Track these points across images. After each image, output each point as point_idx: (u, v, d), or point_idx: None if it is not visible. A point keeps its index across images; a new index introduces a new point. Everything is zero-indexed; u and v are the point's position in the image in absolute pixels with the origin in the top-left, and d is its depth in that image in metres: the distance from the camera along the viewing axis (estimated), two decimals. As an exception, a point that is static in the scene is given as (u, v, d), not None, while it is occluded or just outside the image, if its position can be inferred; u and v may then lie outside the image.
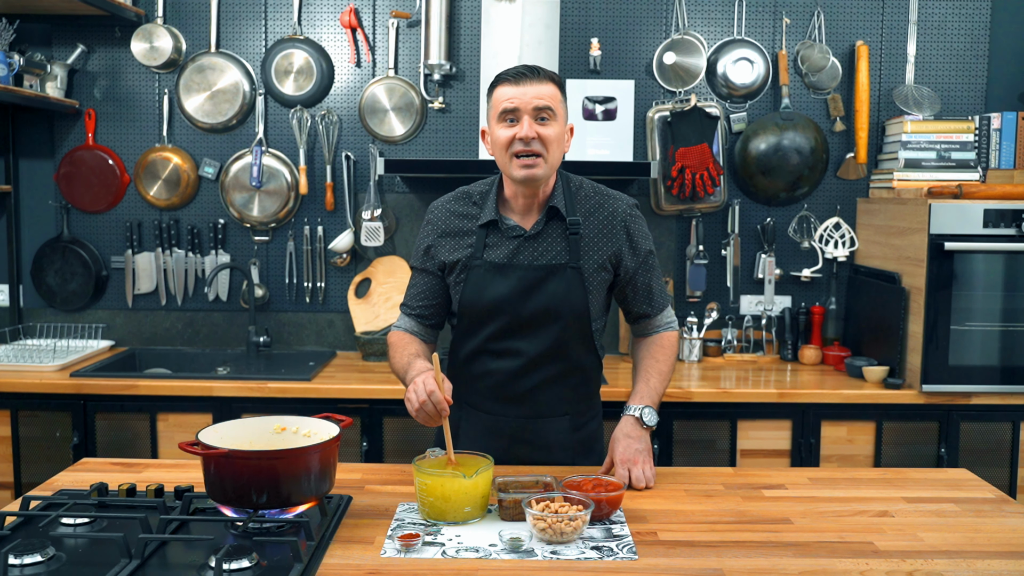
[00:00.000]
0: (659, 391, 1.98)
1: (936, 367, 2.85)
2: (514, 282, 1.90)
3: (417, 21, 3.36)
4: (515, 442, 1.96)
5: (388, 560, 1.47)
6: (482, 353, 1.96)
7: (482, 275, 1.91)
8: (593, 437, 2.07)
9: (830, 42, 3.38)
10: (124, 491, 1.69)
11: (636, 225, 1.97)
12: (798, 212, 3.43)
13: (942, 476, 1.99)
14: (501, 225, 1.93)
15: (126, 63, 3.39)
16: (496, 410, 1.97)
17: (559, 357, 1.94)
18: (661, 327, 2.05)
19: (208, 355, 3.40)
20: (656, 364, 2.00)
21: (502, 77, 1.86)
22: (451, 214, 1.98)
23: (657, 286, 2.03)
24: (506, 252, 1.91)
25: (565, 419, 2.00)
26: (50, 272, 3.42)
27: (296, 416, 1.75)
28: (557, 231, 1.93)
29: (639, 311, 2.03)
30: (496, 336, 1.93)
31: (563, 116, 1.88)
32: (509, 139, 1.83)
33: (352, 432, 2.86)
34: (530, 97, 1.81)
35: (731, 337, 3.38)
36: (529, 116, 1.82)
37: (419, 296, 2.01)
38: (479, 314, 1.93)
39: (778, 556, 1.51)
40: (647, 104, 3.38)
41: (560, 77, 1.90)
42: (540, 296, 1.90)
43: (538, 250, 1.91)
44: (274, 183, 3.37)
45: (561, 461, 1.99)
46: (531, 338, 1.92)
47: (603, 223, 1.95)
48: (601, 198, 1.97)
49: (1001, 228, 2.82)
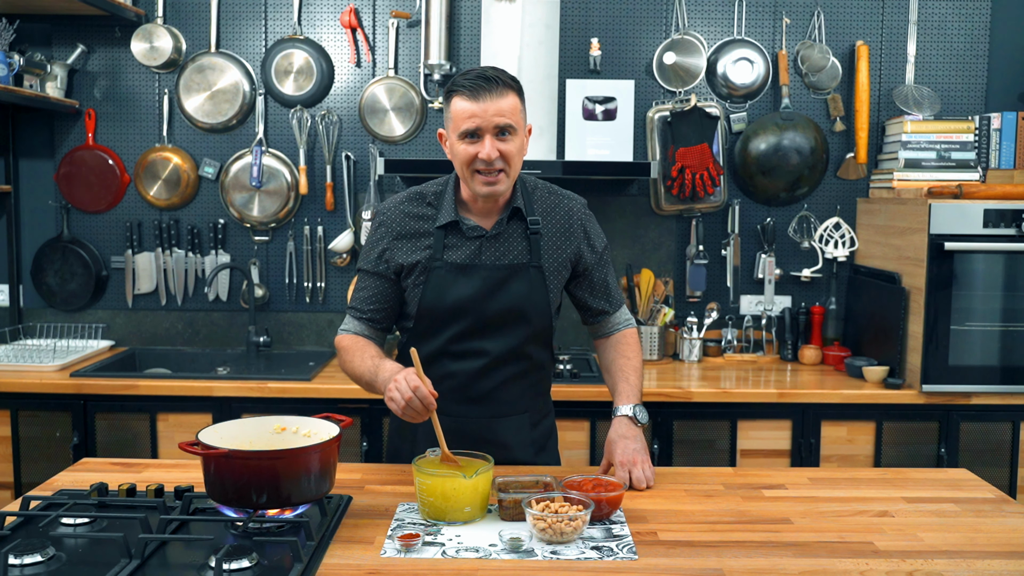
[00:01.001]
0: (639, 387, 2.00)
1: (936, 367, 2.85)
2: (478, 282, 1.89)
3: (417, 21, 3.36)
4: (477, 442, 1.91)
5: (388, 560, 1.47)
6: (442, 355, 1.94)
7: (444, 276, 1.90)
8: (548, 434, 2.09)
9: (830, 42, 3.38)
10: (124, 491, 1.69)
11: (591, 224, 2.02)
12: (798, 212, 3.43)
13: (942, 476, 1.99)
14: (461, 226, 1.91)
15: (126, 63, 3.39)
16: (457, 412, 1.95)
17: (520, 356, 1.94)
18: (620, 324, 2.07)
19: (208, 355, 3.40)
20: (629, 362, 2.02)
21: (459, 87, 1.80)
22: (406, 215, 1.95)
23: (613, 283, 2.06)
24: (468, 253, 1.90)
25: (524, 416, 2.01)
26: (50, 272, 3.42)
27: (296, 416, 1.75)
28: (518, 231, 1.93)
29: (598, 307, 2.04)
30: (458, 337, 1.92)
31: (523, 124, 1.86)
32: (471, 157, 1.81)
33: (352, 432, 2.86)
34: (491, 115, 1.78)
35: (731, 337, 3.38)
36: (490, 135, 1.79)
37: (370, 300, 1.97)
38: (440, 315, 1.91)
39: (778, 556, 1.51)
40: (647, 104, 3.38)
41: (517, 82, 1.85)
42: (504, 296, 1.90)
43: (500, 250, 1.91)
44: (274, 183, 3.37)
45: (521, 459, 1.99)
46: (494, 338, 1.92)
47: (561, 222, 1.96)
48: (556, 198, 1.99)
49: (1001, 228, 2.82)
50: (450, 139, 1.86)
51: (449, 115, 1.84)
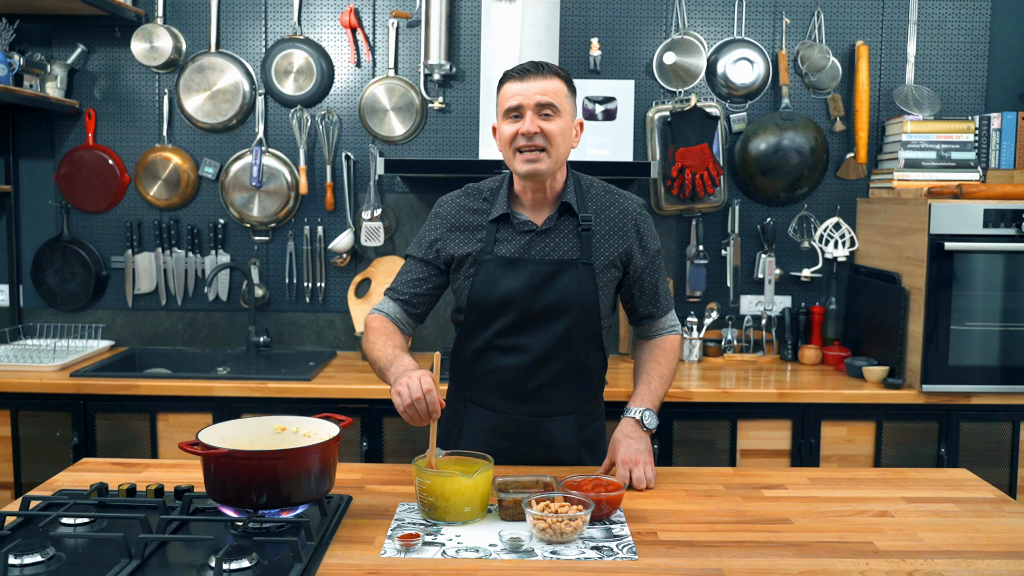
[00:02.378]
0: (660, 394, 1.99)
1: (936, 367, 2.85)
2: (525, 276, 1.90)
3: (417, 21, 3.36)
4: (521, 441, 1.95)
5: (388, 560, 1.47)
6: (489, 349, 1.95)
7: (493, 269, 1.91)
8: (597, 437, 2.07)
9: (830, 42, 3.38)
10: (124, 491, 1.69)
11: (646, 224, 1.99)
12: (798, 212, 3.43)
13: (942, 476, 1.99)
14: (512, 220, 1.93)
15: (126, 63, 3.39)
16: (502, 408, 1.97)
17: (566, 354, 1.94)
18: (665, 330, 2.06)
19: (208, 355, 3.40)
20: (658, 367, 2.01)
21: (509, 74, 1.88)
22: (461, 209, 1.98)
23: (663, 287, 2.04)
24: (517, 247, 1.91)
25: (571, 418, 2.00)
26: (50, 272, 3.42)
27: (296, 416, 1.75)
28: (569, 227, 1.93)
29: (645, 311, 2.04)
30: (504, 332, 1.93)
31: (569, 111, 1.88)
32: (513, 134, 1.84)
33: (352, 432, 2.86)
34: (533, 92, 1.82)
35: (731, 337, 3.38)
36: (532, 112, 1.82)
37: (411, 283, 1.99)
38: (488, 308, 1.92)
39: (778, 556, 1.51)
40: (647, 104, 3.38)
41: (567, 72, 1.90)
42: (551, 291, 1.90)
43: (550, 245, 1.92)
44: (274, 183, 3.37)
45: (566, 460, 1.99)
46: (540, 334, 1.91)
47: (614, 221, 1.95)
48: (612, 196, 1.98)
49: (1001, 228, 2.82)
50: (498, 125, 1.89)
51: (498, 102, 1.89)
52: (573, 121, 1.90)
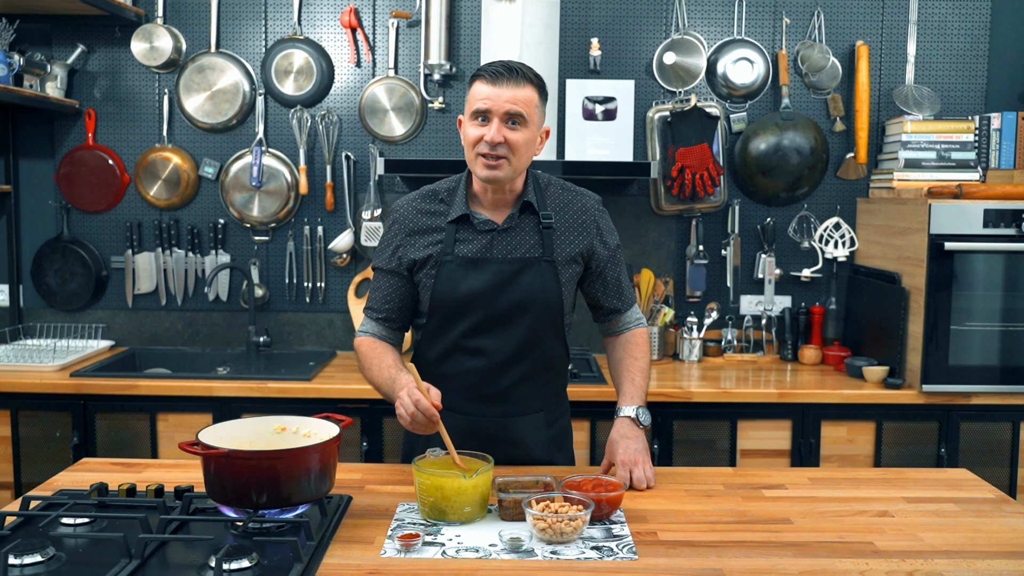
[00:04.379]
0: (644, 388, 1.99)
1: (936, 367, 2.85)
2: (489, 275, 1.89)
3: (417, 21, 3.36)
4: (493, 442, 1.92)
5: (388, 560, 1.47)
6: (455, 352, 1.94)
7: (454, 269, 1.90)
8: (564, 433, 2.08)
9: (830, 42, 3.38)
10: (124, 491, 1.69)
11: (604, 220, 2.01)
12: (798, 212, 3.43)
13: (942, 476, 1.99)
14: (472, 219, 1.92)
15: (126, 63, 3.39)
16: (472, 410, 1.96)
17: (533, 352, 1.94)
18: (632, 324, 2.07)
19: (208, 355, 3.40)
20: (636, 362, 2.01)
21: (481, 73, 1.84)
22: (418, 212, 1.96)
23: (625, 281, 2.06)
24: (479, 246, 1.91)
25: (539, 415, 2.00)
26: (50, 272, 3.42)
27: (296, 416, 1.75)
28: (529, 225, 1.93)
29: (610, 306, 2.04)
30: (469, 332, 1.92)
31: (537, 120, 1.86)
32: (477, 138, 1.83)
33: (352, 432, 2.86)
34: (503, 100, 1.80)
35: (731, 337, 3.38)
36: (499, 119, 1.81)
37: (385, 299, 1.98)
38: (452, 310, 1.91)
39: (778, 556, 1.51)
40: (647, 104, 3.38)
41: (540, 79, 1.87)
42: (515, 289, 1.90)
43: (511, 244, 1.91)
44: (274, 183, 3.37)
45: (537, 458, 1.99)
46: (505, 333, 1.91)
47: (574, 217, 1.96)
48: (570, 194, 1.99)
49: (1001, 228, 2.82)
50: (464, 123, 1.89)
51: (467, 98, 1.88)
52: (540, 130, 1.89)
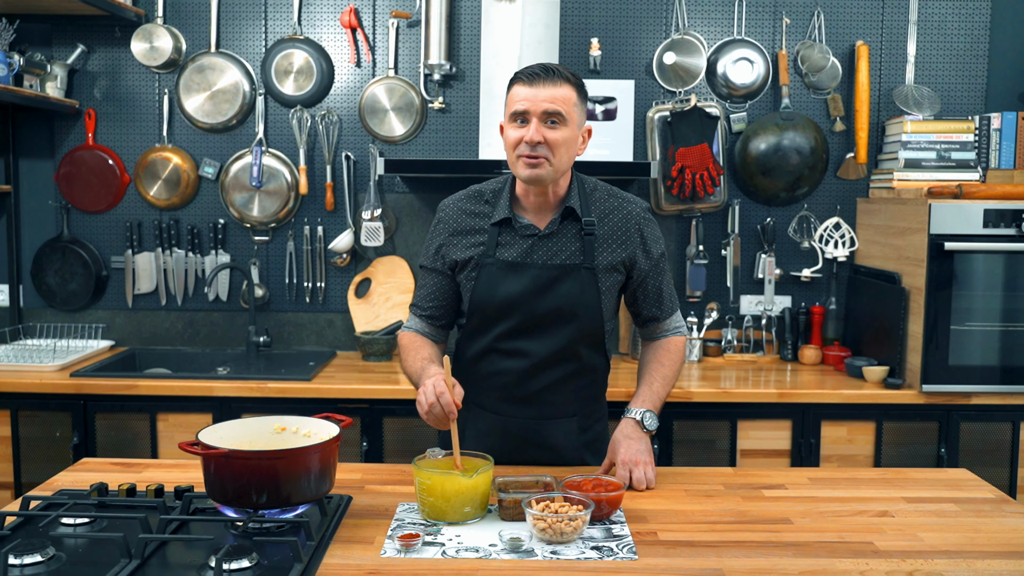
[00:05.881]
0: (661, 395, 1.98)
1: (936, 367, 2.85)
2: (528, 280, 1.89)
3: (417, 21, 3.36)
4: (524, 444, 1.95)
5: (388, 560, 1.47)
6: (491, 352, 1.95)
7: (494, 273, 1.90)
8: (600, 439, 2.06)
9: (830, 42, 3.38)
10: (124, 491, 1.69)
11: (650, 229, 1.98)
12: (798, 212, 3.43)
13: (942, 476, 1.99)
14: (515, 223, 1.92)
15: (126, 63, 3.39)
16: (505, 411, 1.97)
17: (569, 358, 1.94)
18: (670, 331, 2.06)
19: (208, 355, 3.40)
20: (661, 368, 2.01)
21: (519, 76, 1.85)
22: (463, 212, 1.97)
23: (667, 290, 2.03)
24: (520, 251, 1.91)
25: (574, 420, 2.00)
26: (50, 272, 3.42)
27: (296, 416, 1.75)
28: (571, 231, 1.92)
29: (649, 314, 2.03)
30: (506, 335, 1.92)
31: (577, 119, 1.85)
32: (517, 140, 1.83)
33: (352, 432, 2.86)
34: (540, 100, 1.80)
35: (731, 337, 3.38)
36: (537, 119, 1.81)
37: (429, 297, 2.00)
38: (490, 312, 1.92)
39: (778, 556, 1.51)
40: (647, 104, 3.38)
41: (578, 78, 1.87)
42: (553, 295, 1.89)
43: (552, 249, 1.91)
44: (274, 183, 3.37)
45: (570, 462, 1.99)
46: (542, 338, 1.91)
47: (618, 225, 1.94)
48: (616, 200, 1.97)
49: (1001, 228, 2.82)
50: (504, 126, 1.88)
51: (506, 103, 1.87)
52: (581, 129, 1.88)
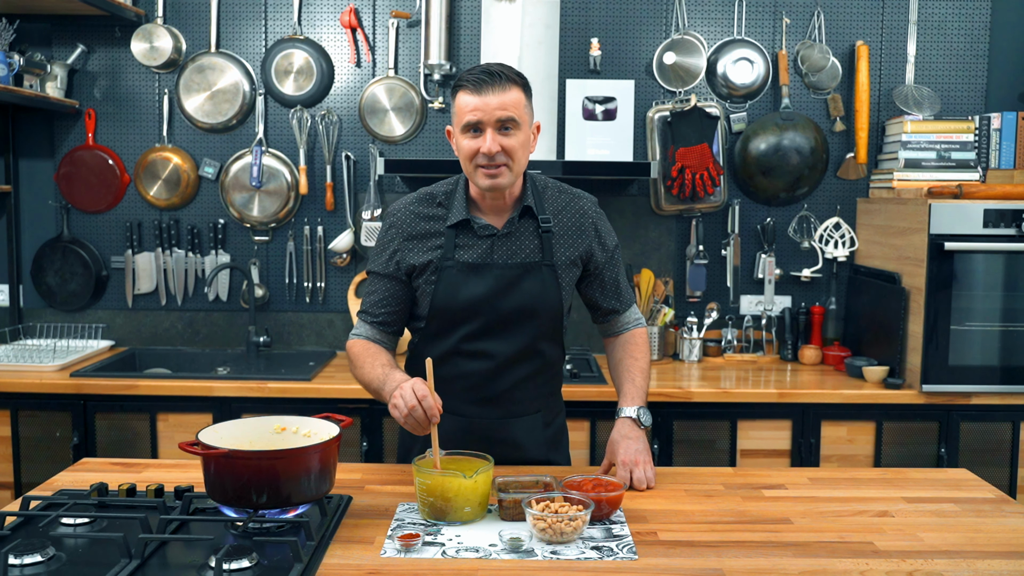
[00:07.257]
0: (645, 389, 1.99)
1: (936, 367, 2.85)
2: (491, 281, 1.89)
3: (417, 21, 3.36)
4: (489, 443, 1.92)
5: (388, 560, 1.47)
6: (455, 355, 1.93)
7: (455, 275, 1.89)
8: (561, 432, 2.09)
9: (830, 42, 3.38)
10: (124, 491, 1.69)
11: (603, 222, 2.01)
12: (798, 212, 3.43)
13: (942, 476, 1.99)
14: (472, 225, 1.91)
15: (126, 63, 3.39)
16: (470, 412, 1.96)
17: (532, 355, 1.94)
18: (631, 324, 2.07)
19: (208, 355, 3.40)
20: (636, 362, 2.02)
21: (463, 83, 1.80)
22: (416, 216, 1.94)
23: (624, 282, 2.05)
24: (479, 252, 1.90)
25: (537, 416, 2.01)
26: (50, 272, 3.42)
27: (296, 416, 1.75)
28: (529, 229, 1.92)
29: (608, 307, 2.04)
30: (470, 337, 1.91)
31: (527, 119, 1.85)
32: (473, 151, 1.81)
33: (352, 432, 2.86)
34: (492, 108, 1.78)
35: (731, 337, 3.38)
36: (492, 128, 1.79)
37: (381, 303, 1.96)
38: (453, 315, 1.91)
39: (778, 556, 1.51)
40: (647, 104, 3.38)
41: (523, 77, 1.85)
42: (516, 294, 1.89)
43: (512, 249, 1.91)
44: (274, 183, 3.37)
45: (535, 459, 2.00)
46: (506, 338, 1.91)
47: (572, 220, 1.96)
48: (567, 197, 1.99)
49: (1001, 228, 2.82)
50: (455, 135, 1.86)
51: (454, 110, 1.85)
52: (531, 127, 1.88)
